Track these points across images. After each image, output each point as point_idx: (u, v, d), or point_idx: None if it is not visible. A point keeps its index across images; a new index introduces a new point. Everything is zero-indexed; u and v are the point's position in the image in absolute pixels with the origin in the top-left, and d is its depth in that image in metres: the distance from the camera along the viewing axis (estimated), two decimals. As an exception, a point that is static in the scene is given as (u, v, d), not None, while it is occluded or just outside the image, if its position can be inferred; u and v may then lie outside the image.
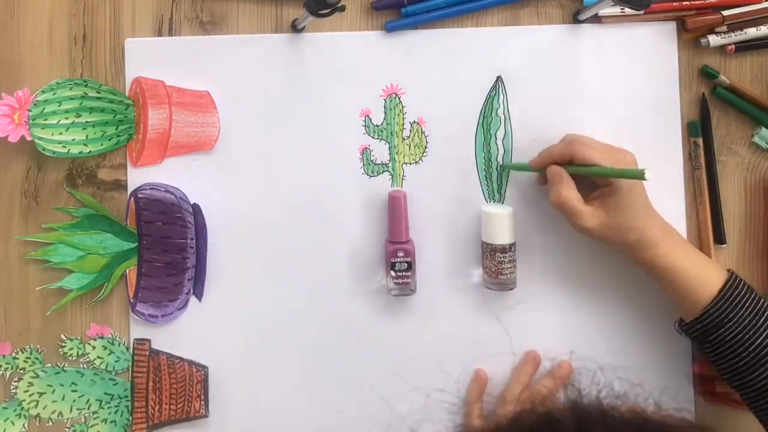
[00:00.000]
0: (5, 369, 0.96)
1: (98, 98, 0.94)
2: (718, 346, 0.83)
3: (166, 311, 0.95)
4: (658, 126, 0.95)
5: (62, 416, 0.96)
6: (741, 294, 0.83)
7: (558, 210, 0.88)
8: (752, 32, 0.94)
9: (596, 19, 0.95)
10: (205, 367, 0.95)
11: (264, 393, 0.96)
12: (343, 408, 0.96)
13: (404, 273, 0.92)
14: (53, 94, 0.93)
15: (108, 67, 0.96)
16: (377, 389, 0.95)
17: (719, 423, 0.96)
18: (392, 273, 0.92)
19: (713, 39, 0.94)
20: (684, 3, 0.94)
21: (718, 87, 0.94)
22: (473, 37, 0.96)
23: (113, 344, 0.96)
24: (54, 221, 0.96)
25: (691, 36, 0.95)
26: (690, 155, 0.95)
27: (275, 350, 0.96)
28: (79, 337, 0.96)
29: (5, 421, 0.96)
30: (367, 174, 0.96)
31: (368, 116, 0.96)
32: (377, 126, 0.96)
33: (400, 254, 0.92)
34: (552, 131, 0.95)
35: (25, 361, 0.96)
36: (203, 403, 0.95)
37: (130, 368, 0.96)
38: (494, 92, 0.96)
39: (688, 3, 0.94)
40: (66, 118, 0.93)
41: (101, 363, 0.96)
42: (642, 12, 0.93)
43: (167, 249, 0.94)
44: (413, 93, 0.96)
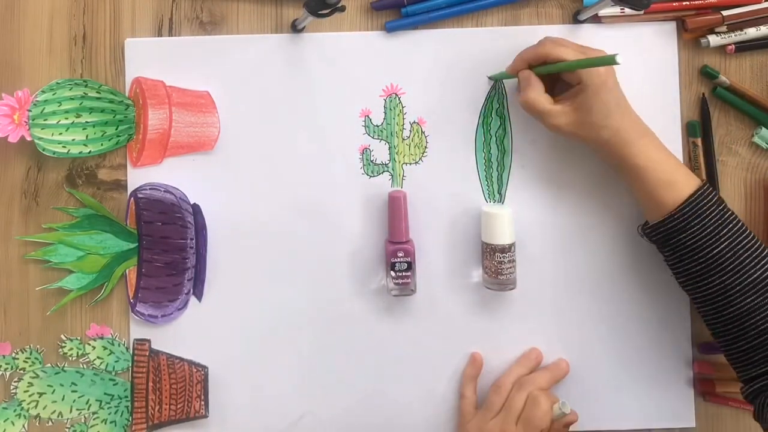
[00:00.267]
0: (5, 369, 0.96)
1: (98, 98, 0.94)
2: (678, 250, 0.85)
3: (166, 311, 0.95)
4: (658, 126, 0.94)
5: (62, 416, 0.96)
6: (709, 203, 0.84)
7: (527, 111, 0.89)
8: (752, 32, 0.94)
9: (596, 19, 0.95)
10: (205, 368, 0.95)
11: (264, 393, 0.96)
12: (343, 407, 0.96)
13: (404, 273, 0.92)
14: (53, 94, 0.93)
15: (108, 67, 0.96)
16: (377, 389, 0.95)
17: (719, 423, 0.96)
18: (392, 273, 0.92)
19: (713, 39, 0.94)
20: (684, 3, 0.94)
21: (718, 87, 0.94)
22: (473, 37, 0.96)
23: (113, 344, 0.96)
24: (54, 221, 0.96)
25: (691, 36, 0.95)
26: (690, 155, 0.95)
27: (275, 350, 0.96)
28: (79, 338, 0.96)
29: (5, 422, 0.96)
30: (367, 174, 0.96)
31: (368, 116, 0.96)
32: (377, 126, 0.96)
33: (400, 254, 0.92)
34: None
35: (25, 362, 0.96)
36: (203, 404, 0.95)
37: (130, 368, 0.96)
38: (494, 92, 0.96)
39: (688, 3, 0.94)
40: (66, 119, 0.93)
41: (101, 363, 0.96)
42: (642, 12, 0.93)
43: (167, 249, 0.94)
44: (413, 93, 0.96)
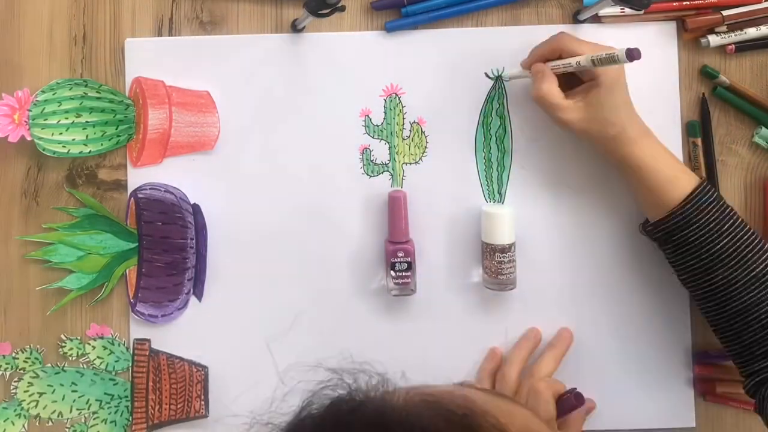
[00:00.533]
0: (5, 369, 0.96)
1: (98, 98, 0.94)
2: (680, 247, 0.86)
3: (166, 311, 0.95)
4: (658, 126, 0.94)
5: (62, 416, 0.96)
6: (710, 200, 0.85)
7: (539, 105, 0.89)
8: (752, 32, 0.94)
9: (596, 19, 0.95)
10: (205, 367, 0.95)
11: (264, 393, 0.96)
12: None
13: (404, 273, 0.92)
14: (53, 94, 0.93)
15: (108, 67, 0.96)
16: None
17: (719, 423, 0.96)
18: (392, 273, 0.92)
19: (713, 39, 0.94)
20: (684, 3, 0.94)
21: (718, 87, 0.94)
22: (473, 37, 0.96)
23: (113, 344, 0.96)
24: (54, 221, 0.96)
25: (691, 36, 0.95)
26: (690, 155, 0.95)
27: (274, 350, 0.96)
28: (79, 337, 0.96)
29: (5, 422, 0.96)
30: (367, 174, 0.96)
31: (368, 116, 0.96)
32: (377, 126, 0.96)
33: (400, 254, 0.92)
34: (552, 131, 0.95)
35: (25, 361, 0.96)
36: (203, 403, 0.95)
37: (130, 368, 0.96)
38: (494, 92, 0.96)
39: (688, 3, 0.94)
40: (66, 118, 0.93)
41: (101, 363, 0.96)
42: (642, 12, 0.93)
43: (167, 249, 0.94)
44: (413, 93, 0.96)
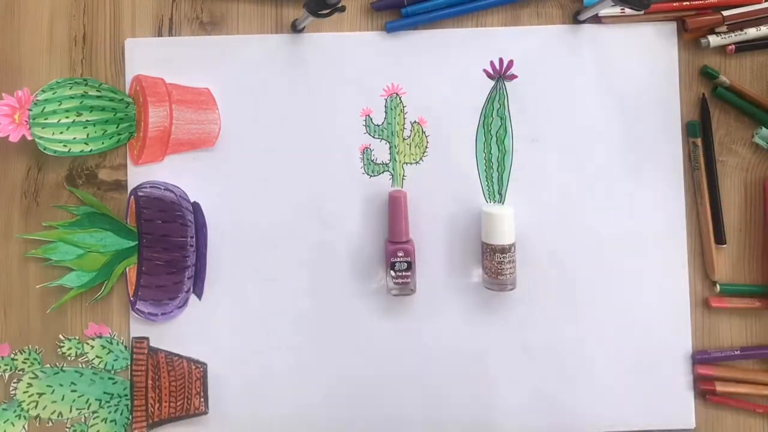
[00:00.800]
0: (4, 370, 0.96)
1: (98, 97, 0.94)
2: None
3: (166, 309, 0.95)
4: (658, 126, 0.95)
5: (62, 416, 0.96)
6: None
7: None
8: (752, 32, 0.94)
9: (596, 19, 0.95)
10: (204, 364, 0.95)
11: (263, 391, 0.96)
12: (342, 406, 0.96)
13: (404, 273, 0.92)
14: (53, 94, 0.93)
15: (108, 67, 0.96)
16: (376, 388, 0.95)
17: (719, 423, 0.96)
18: (392, 273, 0.92)
19: (713, 39, 0.94)
20: (684, 3, 0.94)
21: (719, 87, 0.94)
22: (473, 37, 0.96)
23: (111, 343, 0.96)
24: (54, 219, 0.96)
25: (691, 36, 0.95)
26: (690, 155, 0.95)
27: (275, 348, 0.96)
28: (78, 337, 0.96)
29: (5, 423, 0.96)
30: (368, 174, 0.96)
31: (369, 116, 0.96)
32: (378, 126, 0.96)
33: (400, 254, 0.92)
34: (552, 131, 0.95)
35: (24, 362, 0.96)
36: (203, 400, 0.95)
37: (129, 367, 0.96)
38: (495, 92, 0.96)
39: (688, 3, 0.94)
40: (66, 117, 0.93)
41: (100, 362, 0.96)
42: (642, 12, 0.94)
43: (167, 247, 0.94)
44: (414, 93, 0.96)
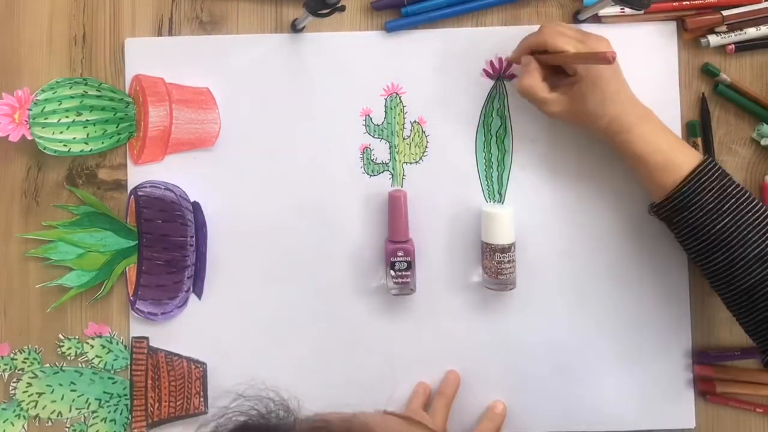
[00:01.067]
0: (4, 370, 0.96)
1: (98, 96, 0.94)
2: (682, 228, 0.86)
3: (166, 309, 0.95)
4: (658, 126, 0.95)
5: (62, 416, 0.96)
6: (710, 179, 0.84)
7: (525, 98, 0.90)
8: (752, 32, 0.94)
9: (596, 19, 0.95)
10: (204, 364, 0.95)
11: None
12: (342, 406, 0.95)
13: (404, 272, 0.92)
14: (53, 93, 0.93)
15: (108, 67, 0.96)
16: (376, 388, 0.95)
17: (719, 423, 0.95)
18: (392, 272, 0.92)
19: (713, 39, 0.94)
20: (684, 3, 0.94)
21: (720, 84, 0.94)
22: (473, 37, 0.96)
23: (111, 343, 0.96)
24: (54, 219, 0.96)
25: (691, 36, 0.95)
26: (690, 156, 0.95)
27: (274, 348, 0.96)
28: (77, 337, 0.96)
29: (5, 422, 0.96)
30: (368, 173, 0.96)
31: (369, 115, 0.96)
32: (378, 125, 0.96)
33: (400, 254, 0.92)
34: (552, 131, 0.95)
35: (24, 362, 0.96)
36: (203, 400, 0.95)
37: (129, 366, 0.96)
38: (495, 92, 0.96)
39: (688, 3, 0.94)
40: (66, 117, 0.93)
41: (100, 362, 0.96)
42: (642, 12, 0.94)
43: (167, 247, 0.94)
44: (414, 93, 0.96)
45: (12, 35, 0.97)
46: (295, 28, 0.95)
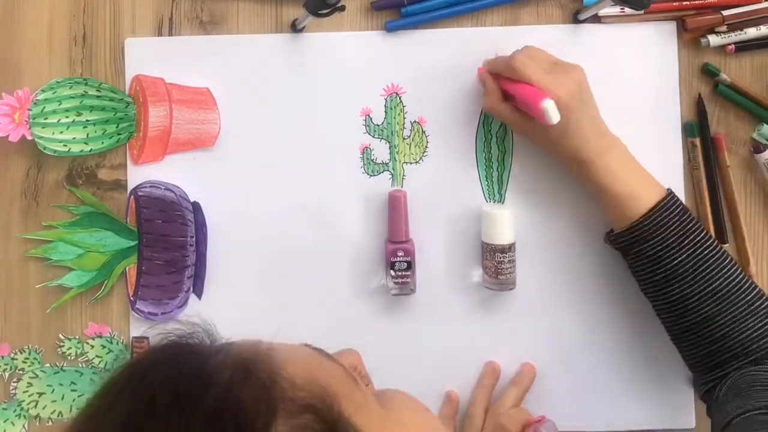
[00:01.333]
0: (4, 370, 0.96)
1: (98, 96, 0.94)
2: (640, 259, 0.87)
3: (166, 309, 0.95)
4: (658, 126, 0.95)
5: (62, 416, 0.96)
6: (671, 214, 0.85)
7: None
8: (752, 32, 0.94)
9: (596, 19, 0.95)
10: (204, 364, 0.95)
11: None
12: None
13: (404, 272, 0.92)
14: (53, 93, 0.93)
15: (108, 67, 0.96)
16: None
17: (720, 423, 0.96)
18: (392, 272, 0.92)
19: (713, 39, 0.94)
20: (684, 3, 0.94)
21: (720, 84, 0.94)
22: (473, 37, 0.96)
23: (111, 343, 0.96)
24: (54, 219, 0.96)
25: (691, 36, 0.95)
26: (689, 156, 0.95)
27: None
28: (78, 337, 0.96)
29: (5, 422, 0.96)
30: (368, 173, 0.96)
31: (369, 115, 0.96)
32: (378, 125, 0.96)
33: (400, 254, 0.92)
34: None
35: (24, 362, 0.96)
36: (203, 401, 0.95)
37: (129, 367, 0.96)
38: (495, 92, 0.96)
39: (688, 3, 0.94)
40: (66, 117, 0.93)
41: (100, 362, 0.96)
42: (642, 12, 0.94)
43: (167, 247, 0.94)
44: (414, 93, 0.96)
45: (12, 35, 0.97)
46: (295, 28, 0.95)
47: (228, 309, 0.96)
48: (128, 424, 0.44)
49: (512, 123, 0.90)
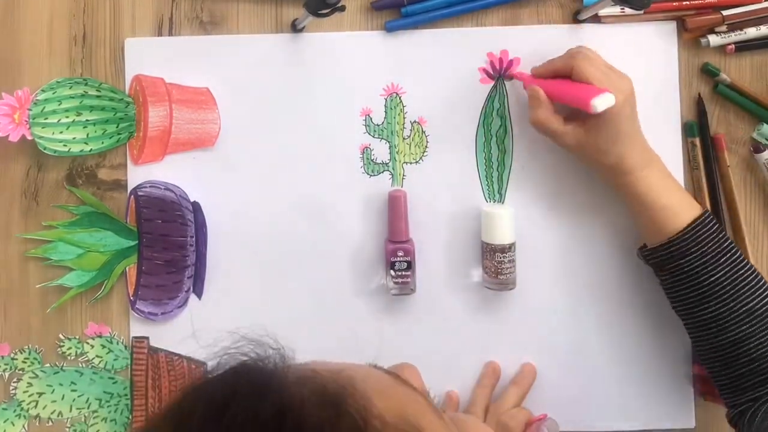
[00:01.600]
0: (4, 370, 0.96)
1: (98, 96, 0.94)
2: (675, 275, 0.86)
3: (166, 309, 0.95)
4: (658, 126, 0.95)
5: (62, 416, 0.96)
6: (709, 231, 0.85)
7: (538, 131, 0.90)
8: (752, 32, 0.94)
9: (596, 19, 0.95)
10: (204, 364, 0.95)
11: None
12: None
13: (404, 272, 0.92)
14: (53, 93, 0.93)
15: (108, 67, 0.96)
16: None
17: (719, 423, 0.95)
18: (392, 272, 0.92)
19: (713, 39, 0.94)
20: (684, 3, 0.94)
21: (720, 84, 0.94)
22: (473, 37, 0.96)
23: (111, 343, 0.96)
24: (54, 219, 0.96)
25: (691, 36, 0.95)
26: (689, 156, 0.95)
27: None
28: (78, 337, 0.96)
29: (5, 422, 0.96)
30: (368, 173, 0.96)
31: (369, 115, 0.96)
32: (378, 125, 0.96)
33: (400, 254, 0.92)
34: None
35: (24, 362, 0.96)
36: (203, 401, 0.95)
37: (129, 366, 0.96)
38: (495, 92, 0.96)
39: (688, 3, 0.94)
40: (66, 117, 0.93)
41: (100, 362, 0.96)
42: (642, 12, 0.94)
43: (167, 247, 0.94)
44: (414, 93, 0.96)
45: (12, 35, 0.97)
46: (295, 28, 0.95)
47: (228, 309, 0.96)
48: None
49: (562, 134, 0.87)
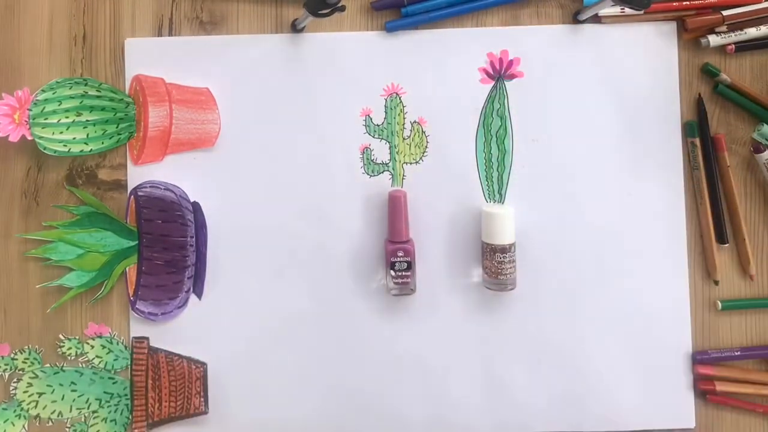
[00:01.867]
0: (4, 370, 0.96)
1: (98, 97, 0.94)
2: None
3: (166, 309, 0.95)
4: (658, 126, 0.95)
5: (62, 416, 0.96)
6: None
7: None
8: (752, 32, 0.94)
9: (596, 19, 0.95)
10: (204, 364, 0.95)
11: (263, 390, 0.96)
12: (342, 406, 0.96)
13: (404, 273, 0.92)
14: (53, 93, 0.93)
15: (108, 67, 0.96)
16: (376, 388, 0.95)
17: (719, 423, 0.96)
18: (392, 272, 0.92)
19: (713, 39, 0.94)
20: (684, 3, 0.94)
21: (720, 84, 0.94)
22: (473, 37, 0.96)
23: (111, 343, 0.96)
24: (54, 219, 0.96)
25: (691, 36, 0.95)
26: (689, 156, 0.95)
27: (275, 348, 0.96)
28: (78, 337, 0.96)
29: (5, 422, 0.96)
30: (368, 173, 0.96)
31: (369, 116, 0.96)
32: (378, 125, 0.96)
33: (400, 254, 0.92)
34: (552, 131, 0.95)
35: (24, 362, 0.96)
36: (203, 400, 0.95)
37: (129, 366, 0.96)
38: (495, 92, 0.96)
39: (688, 3, 0.94)
40: (66, 117, 0.93)
41: (100, 362, 0.96)
42: (642, 12, 0.94)
43: (167, 247, 0.94)
44: (414, 93, 0.96)
45: (12, 35, 0.97)
46: (295, 28, 0.95)
47: (228, 309, 0.96)
48: None
49: None
